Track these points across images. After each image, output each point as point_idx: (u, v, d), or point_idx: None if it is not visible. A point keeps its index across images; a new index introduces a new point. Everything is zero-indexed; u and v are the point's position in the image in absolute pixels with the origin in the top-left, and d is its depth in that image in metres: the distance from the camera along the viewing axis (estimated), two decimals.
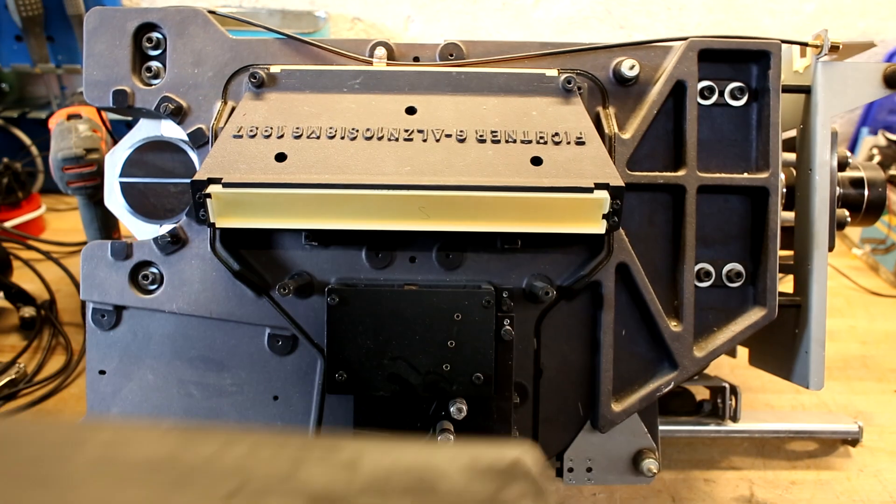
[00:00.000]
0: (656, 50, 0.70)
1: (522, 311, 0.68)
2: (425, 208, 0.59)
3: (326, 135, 0.63)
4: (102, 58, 0.69)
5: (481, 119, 0.65)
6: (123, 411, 0.70)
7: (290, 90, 0.68)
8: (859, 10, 1.59)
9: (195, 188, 0.58)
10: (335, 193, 0.58)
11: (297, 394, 0.69)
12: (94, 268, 0.69)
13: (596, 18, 1.60)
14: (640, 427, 0.71)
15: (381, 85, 0.68)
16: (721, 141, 0.70)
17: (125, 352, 0.70)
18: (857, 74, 0.69)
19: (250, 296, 0.67)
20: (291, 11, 1.55)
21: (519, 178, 0.59)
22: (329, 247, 0.67)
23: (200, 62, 0.69)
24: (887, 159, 1.45)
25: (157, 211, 0.72)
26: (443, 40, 0.70)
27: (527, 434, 0.69)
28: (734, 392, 0.84)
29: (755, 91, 0.70)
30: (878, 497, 0.82)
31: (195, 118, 0.69)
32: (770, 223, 0.68)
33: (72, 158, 0.93)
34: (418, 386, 0.62)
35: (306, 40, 0.70)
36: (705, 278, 0.70)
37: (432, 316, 0.62)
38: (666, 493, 0.81)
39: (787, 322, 0.73)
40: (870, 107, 1.62)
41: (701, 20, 1.60)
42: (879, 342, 1.16)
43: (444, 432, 0.62)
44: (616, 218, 0.59)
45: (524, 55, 0.70)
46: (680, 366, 0.68)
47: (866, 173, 0.78)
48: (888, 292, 1.31)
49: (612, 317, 0.68)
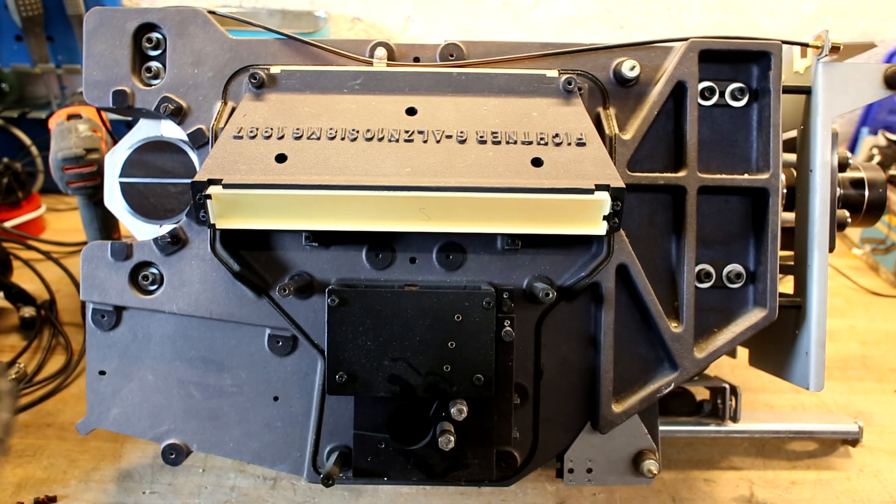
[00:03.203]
0: (657, 50, 0.70)
1: (523, 312, 0.68)
2: (426, 209, 0.59)
3: (327, 136, 0.63)
4: (102, 58, 0.69)
5: (482, 120, 0.65)
6: (123, 411, 0.70)
7: (290, 91, 0.68)
8: (859, 10, 1.59)
9: (195, 189, 0.58)
10: (335, 194, 0.58)
11: (297, 394, 0.69)
12: (94, 268, 0.68)
13: (596, 18, 1.60)
14: (641, 428, 0.71)
15: (381, 85, 0.68)
16: (721, 142, 0.70)
17: (125, 352, 0.70)
18: (857, 75, 0.69)
19: (250, 296, 0.67)
20: (291, 11, 1.55)
21: (519, 179, 0.59)
22: (329, 247, 0.67)
23: (200, 62, 0.69)
24: (887, 159, 1.45)
25: (157, 211, 0.72)
26: (443, 41, 0.70)
27: (527, 435, 0.69)
28: (734, 392, 0.84)
29: (756, 92, 0.70)
30: (878, 497, 0.82)
31: (195, 119, 0.69)
32: (770, 224, 0.68)
33: (72, 158, 0.93)
34: (419, 387, 0.62)
35: (306, 40, 0.70)
36: (706, 279, 0.70)
37: (433, 317, 0.62)
38: (666, 494, 0.81)
39: (788, 323, 0.73)
40: (870, 107, 1.62)
41: (701, 20, 1.60)
42: (879, 342, 1.16)
43: (445, 433, 0.62)
44: (617, 219, 0.59)
45: (524, 56, 0.70)
46: (680, 367, 0.68)
47: (867, 174, 0.77)
48: (888, 292, 1.31)
49: (612, 317, 0.68)
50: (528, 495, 0.80)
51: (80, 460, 0.82)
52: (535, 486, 0.81)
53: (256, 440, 0.70)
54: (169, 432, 0.70)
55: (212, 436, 0.70)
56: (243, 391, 0.70)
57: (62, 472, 0.81)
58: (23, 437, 0.86)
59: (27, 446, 0.84)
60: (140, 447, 0.84)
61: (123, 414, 0.70)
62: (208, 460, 0.83)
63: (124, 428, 0.70)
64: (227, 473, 0.81)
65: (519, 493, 0.80)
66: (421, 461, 0.65)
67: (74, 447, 0.84)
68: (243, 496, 0.78)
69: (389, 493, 0.79)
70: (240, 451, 0.70)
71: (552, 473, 0.79)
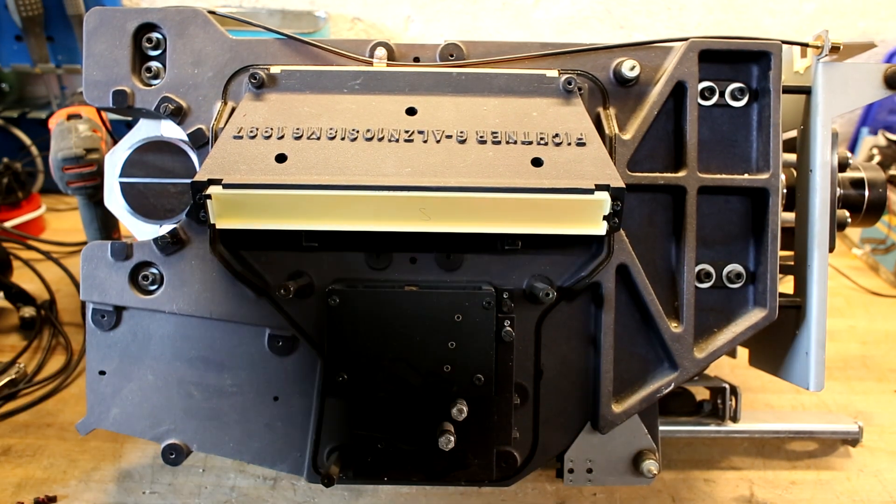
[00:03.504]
0: (657, 50, 0.70)
1: (523, 312, 0.68)
2: (426, 209, 0.59)
3: (327, 136, 0.63)
4: (102, 58, 0.69)
5: (482, 120, 0.65)
6: (123, 411, 0.70)
7: (291, 91, 0.68)
8: (859, 10, 1.59)
9: (195, 189, 0.58)
10: (335, 194, 0.58)
11: (297, 394, 0.69)
12: (94, 268, 0.68)
13: (596, 18, 1.60)
14: (641, 428, 0.71)
15: (381, 85, 0.68)
16: (721, 142, 0.70)
17: (125, 352, 0.70)
18: (857, 75, 0.69)
19: (250, 296, 0.67)
20: (291, 11, 1.55)
21: (519, 179, 0.59)
22: (329, 248, 0.67)
23: (200, 62, 0.69)
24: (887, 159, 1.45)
25: (157, 211, 0.72)
26: (443, 41, 0.70)
27: (527, 435, 0.69)
28: (734, 392, 0.84)
29: (756, 92, 0.70)
30: (878, 497, 0.82)
31: (195, 119, 0.69)
32: (770, 224, 0.68)
33: (72, 158, 0.93)
34: (419, 387, 0.62)
35: (306, 40, 0.70)
36: (706, 279, 0.70)
37: (433, 317, 0.62)
38: (666, 493, 0.81)
39: (788, 323, 0.73)
40: (870, 107, 1.62)
41: (701, 20, 1.60)
42: (879, 342, 1.16)
43: (445, 433, 0.62)
44: (617, 219, 0.59)
45: (524, 56, 0.70)
46: (680, 367, 0.68)
47: (867, 174, 0.77)
48: (888, 292, 1.31)
49: (612, 318, 0.68)
50: (528, 495, 0.80)
51: (80, 460, 0.83)
52: (535, 486, 0.81)
53: (256, 440, 0.70)
54: (169, 432, 0.70)
55: (212, 436, 0.70)
56: (243, 391, 0.69)
57: (62, 472, 0.81)
58: (23, 437, 0.86)
59: (27, 446, 0.84)
60: (140, 447, 0.84)
61: (123, 414, 0.70)
62: (208, 460, 0.83)
63: (124, 428, 0.70)
64: (227, 473, 0.81)
65: (519, 493, 0.80)
66: (421, 461, 0.65)
67: (74, 447, 0.84)
68: (243, 496, 0.78)
69: (389, 493, 0.79)
70: (240, 451, 0.70)
71: (552, 473, 0.79)
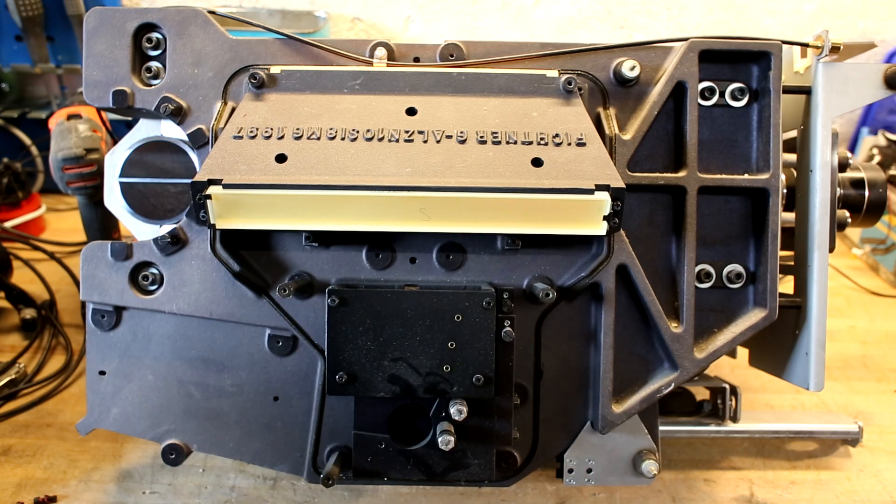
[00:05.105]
0: (657, 50, 0.70)
1: (523, 312, 0.68)
2: (426, 209, 0.59)
3: (327, 136, 0.63)
4: (102, 58, 0.69)
5: (482, 120, 0.65)
6: (123, 411, 0.70)
7: (291, 91, 0.68)
8: (859, 10, 1.59)
9: (195, 189, 0.58)
10: (335, 194, 0.58)
11: (297, 394, 0.69)
12: (95, 268, 0.68)
13: (596, 18, 1.60)
14: (641, 428, 0.71)
15: (381, 85, 0.68)
16: (722, 142, 0.70)
17: (125, 352, 0.70)
18: (857, 75, 0.69)
19: (250, 296, 0.67)
20: (291, 11, 1.55)
21: (519, 179, 0.59)
22: (329, 247, 0.67)
23: (200, 62, 0.69)
24: (887, 159, 1.45)
25: (157, 211, 0.72)
26: (443, 41, 0.70)
27: (527, 435, 0.69)
28: (734, 392, 0.84)
29: (756, 92, 0.70)
30: (878, 497, 0.82)
31: (195, 119, 0.69)
32: (770, 224, 0.68)
33: (72, 158, 0.93)
34: (419, 387, 0.62)
35: (306, 40, 0.70)
36: (706, 279, 0.70)
37: (433, 317, 0.62)
38: (666, 493, 0.81)
39: (788, 323, 0.73)
40: (870, 107, 1.62)
41: (701, 20, 1.60)
42: (879, 342, 1.16)
43: (445, 433, 0.62)
44: (617, 219, 0.59)
45: (524, 56, 0.70)
46: (680, 367, 0.68)
47: (867, 174, 0.77)
48: (888, 292, 1.31)
49: (612, 318, 0.68)
50: (528, 495, 0.80)
51: (80, 460, 0.82)
52: (535, 486, 0.81)
53: (256, 440, 0.70)
54: (169, 432, 0.70)
55: (212, 436, 0.70)
56: (243, 391, 0.70)
57: (62, 472, 0.81)
58: (23, 437, 0.86)
59: (27, 446, 0.84)
60: (140, 447, 0.84)
61: (123, 414, 0.70)
62: (208, 460, 0.83)
63: (124, 428, 0.70)
64: (227, 473, 0.81)
65: (519, 493, 0.80)
66: (421, 461, 0.65)
67: (74, 447, 0.84)
68: (243, 496, 0.78)
69: (389, 493, 0.79)
70: (240, 451, 0.70)
71: (552, 473, 0.79)
